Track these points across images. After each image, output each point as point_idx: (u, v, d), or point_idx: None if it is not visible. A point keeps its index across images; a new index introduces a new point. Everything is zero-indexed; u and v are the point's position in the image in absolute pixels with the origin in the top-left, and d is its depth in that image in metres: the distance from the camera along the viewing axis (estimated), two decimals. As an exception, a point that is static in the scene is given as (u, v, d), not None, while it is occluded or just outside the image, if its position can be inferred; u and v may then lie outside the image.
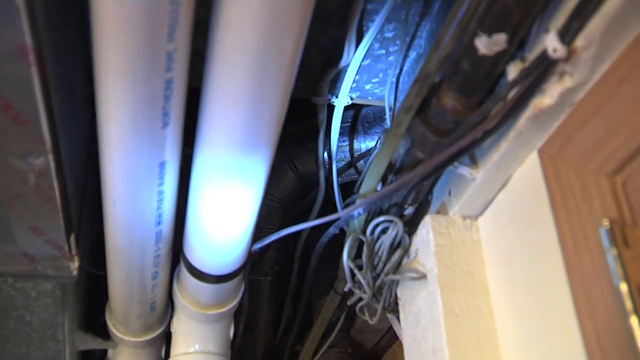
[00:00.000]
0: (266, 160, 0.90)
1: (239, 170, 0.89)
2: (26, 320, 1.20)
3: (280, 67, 0.78)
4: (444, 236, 1.01)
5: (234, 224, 0.99)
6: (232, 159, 0.87)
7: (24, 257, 1.05)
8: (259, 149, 0.87)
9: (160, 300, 1.21)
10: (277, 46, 0.75)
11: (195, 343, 1.23)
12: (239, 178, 0.90)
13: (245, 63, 0.76)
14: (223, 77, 0.79)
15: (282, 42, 0.75)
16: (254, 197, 0.96)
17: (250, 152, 0.87)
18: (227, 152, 0.86)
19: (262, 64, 0.76)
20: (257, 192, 0.95)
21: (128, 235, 1.00)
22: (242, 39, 0.74)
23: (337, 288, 1.29)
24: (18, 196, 0.91)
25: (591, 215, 0.72)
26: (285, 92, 0.82)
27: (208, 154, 0.89)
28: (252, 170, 0.90)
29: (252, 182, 0.92)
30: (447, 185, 1.03)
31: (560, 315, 0.78)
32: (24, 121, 0.80)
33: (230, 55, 0.76)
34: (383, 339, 1.55)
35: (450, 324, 0.95)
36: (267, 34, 0.73)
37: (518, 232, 0.91)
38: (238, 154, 0.87)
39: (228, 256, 1.07)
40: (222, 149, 0.86)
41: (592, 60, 0.71)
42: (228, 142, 0.85)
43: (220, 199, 0.94)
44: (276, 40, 0.74)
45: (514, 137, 0.85)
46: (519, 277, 0.90)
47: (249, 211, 0.98)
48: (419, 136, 0.93)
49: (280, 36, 0.74)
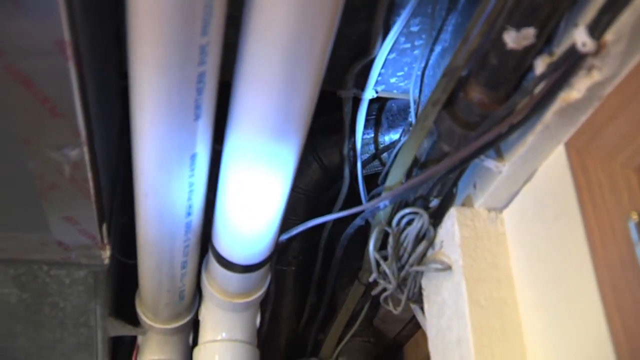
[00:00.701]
0: (295, 149, 0.92)
1: (269, 160, 0.91)
2: (60, 307, 1.23)
3: (312, 58, 0.79)
4: (469, 228, 1.02)
5: (262, 215, 1.01)
6: (262, 148, 0.89)
7: (58, 246, 1.07)
8: (288, 137, 0.88)
9: (188, 289, 1.23)
10: (309, 37, 0.76)
11: (222, 331, 1.25)
12: (268, 167, 0.92)
13: (277, 54, 0.77)
14: (255, 67, 0.80)
15: (314, 34, 0.76)
16: (283, 188, 0.97)
17: (280, 141, 0.88)
18: (258, 141, 0.88)
19: (295, 54, 0.77)
20: (285, 182, 0.97)
21: (158, 225, 1.02)
22: (275, 30, 0.75)
23: (362, 278, 1.30)
24: (53, 187, 0.94)
25: (619, 208, 0.73)
26: (316, 82, 0.83)
27: (238, 144, 0.90)
28: (282, 159, 0.91)
29: (281, 172, 0.94)
30: (473, 178, 1.03)
31: (587, 308, 0.79)
32: (60, 114, 0.82)
33: (263, 46, 0.77)
34: (405, 329, 1.56)
35: (475, 315, 0.96)
36: (299, 25, 0.74)
37: (543, 225, 0.91)
38: (268, 143, 0.88)
39: (256, 246, 1.09)
40: (253, 138, 0.88)
41: (622, 55, 0.72)
42: (259, 130, 0.86)
43: (249, 190, 0.96)
44: (308, 31, 0.75)
45: (541, 131, 0.85)
46: (544, 270, 0.91)
47: (277, 201, 1.00)
48: (445, 129, 0.94)
49: (312, 28, 0.75)
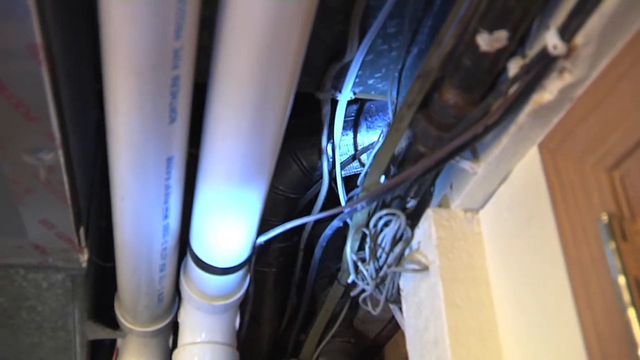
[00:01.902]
0: (272, 154, 0.92)
1: (245, 165, 0.91)
2: (38, 311, 1.22)
3: (286, 59, 0.79)
4: (445, 229, 1.03)
5: (240, 217, 1.01)
6: (239, 154, 0.89)
7: (35, 250, 1.07)
8: (265, 140, 0.89)
9: (167, 292, 1.23)
10: (282, 41, 0.76)
11: (201, 333, 1.25)
12: (245, 172, 0.92)
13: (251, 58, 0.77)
14: (229, 72, 0.81)
15: (288, 37, 0.76)
16: (260, 191, 0.98)
17: (256, 145, 0.89)
18: (234, 147, 0.88)
19: (268, 57, 0.78)
20: (263, 185, 0.97)
21: (136, 228, 1.02)
22: (248, 34, 0.75)
23: (341, 279, 1.30)
24: (29, 191, 0.93)
25: (590, 209, 0.74)
26: (290, 84, 0.83)
27: (214, 150, 0.90)
28: (258, 164, 0.91)
29: (258, 176, 0.94)
30: (449, 179, 1.04)
31: (559, 307, 0.80)
32: (34, 118, 0.82)
33: (236, 50, 0.77)
34: (385, 329, 1.57)
35: (451, 315, 0.96)
36: (272, 29, 0.74)
37: (518, 225, 0.92)
38: (244, 150, 0.88)
39: (234, 249, 1.09)
40: (229, 144, 0.88)
41: (592, 57, 0.73)
42: (235, 138, 0.87)
43: (227, 192, 0.96)
44: (282, 35, 0.75)
45: (515, 132, 0.86)
46: (519, 270, 0.92)
47: (255, 204, 1.00)
48: (421, 131, 0.94)
49: (285, 30, 0.75)
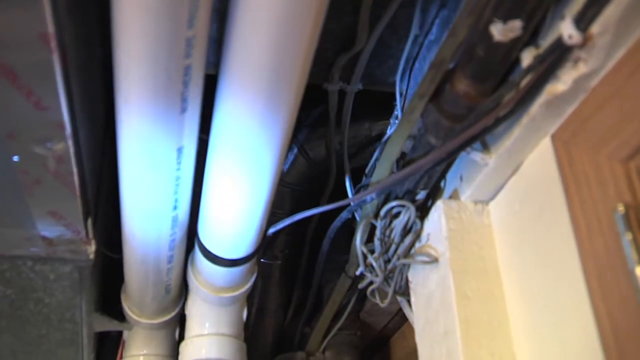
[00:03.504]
0: (282, 145, 0.91)
1: (255, 156, 0.90)
2: (45, 302, 1.22)
3: (298, 53, 0.79)
4: (455, 221, 1.02)
5: (248, 209, 1.01)
6: (248, 142, 0.88)
7: (42, 241, 1.06)
8: (274, 133, 0.88)
9: (175, 283, 1.23)
10: (295, 31, 0.76)
11: (209, 325, 1.25)
12: (254, 162, 0.92)
13: (263, 49, 0.77)
14: (240, 63, 0.80)
15: (300, 28, 0.76)
16: (269, 182, 0.97)
17: (265, 136, 0.88)
18: (244, 136, 0.88)
19: (280, 50, 0.77)
20: (271, 177, 0.96)
21: (144, 219, 1.02)
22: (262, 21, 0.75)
23: (348, 271, 1.30)
24: (38, 181, 0.93)
25: (605, 200, 0.73)
26: (302, 76, 0.83)
27: (224, 140, 0.90)
28: (268, 154, 0.91)
29: (266, 167, 0.93)
30: (459, 171, 1.04)
31: (573, 299, 0.80)
32: (44, 107, 0.81)
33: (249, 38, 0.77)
34: (392, 321, 1.57)
35: (462, 307, 0.96)
36: (285, 20, 0.74)
37: (530, 217, 0.92)
38: (254, 138, 0.88)
39: (242, 240, 1.08)
40: (239, 133, 0.87)
41: (608, 47, 0.72)
42: (245, 127, 0.86)
43: (235, 185, 0.95)
44: (294, 26, 0.75)
45: (527, 123, 0.85)
46: (531, 261, 0.91)
47: (263, 195, 0.99)
48: (432, 122, 0.94)
49: (298, 22, 0.75)
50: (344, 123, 1.33)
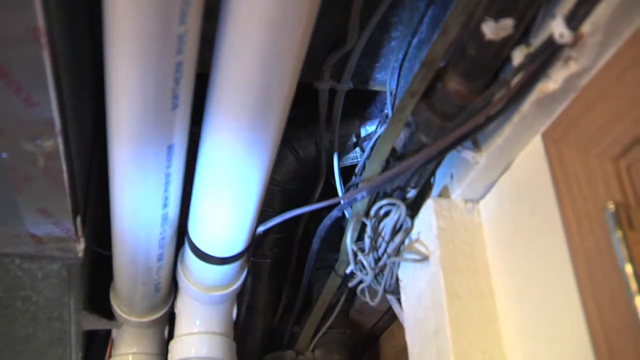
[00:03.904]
0: (273, 143, 0.91)
1: (245, 153, 0.90)
2: (33, 301, 1.21)
3: (291, 46, 0.78)
4: (446, 219, 1.03)
5: (240, 206, 1.00)
6: (239, 142, 0.88)
7: (31, 239, 1.06)
8: (266, 132, 0.88)
9: (164, 282, 1.22)
10: (287, 30, 0.76)
11: (198, 323, 1.25)
12: (245, 160, 0.91)
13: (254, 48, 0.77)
14: (232, 62, 0.80)
15: (292, 27, 0.76)
16: (260, 180, 0.97)
17: (256, 136, 0.88)
18: (235, 135, 0.87)
19: (272, 48, 0.77)
20: (263, 175, 0.96)
21: (134, 217, 1.01)
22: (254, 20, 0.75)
23: (338, 270, 1.30)
24: (27, 178, 0.92)
25: (596, 198, 0.74)
26: (293, 75, 0.83)
27: (215, 138, 0.89)
28: (260, 152, 0.91)
29: (258, 165, 0.93)
30: (450, 169, 1.04)
31: (563, 297, 0.80)
32: (34, 103, 0.81)
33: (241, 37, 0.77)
34: (381, 320, 1.57)
35: (452, 305, 0.96)
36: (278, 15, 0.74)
37: (520, 215, 0.92)
38: (245, 137, 0.87)
39: (232, 238, 1.08)
40: (231, 131, 0.87)
41: (598, 46, 0.73)
42: (236, 126, 0.86)
43: (227, 181, 0.95)
44: (288, 21, 0.75)
45: (518, 122, 0.86)
46: (521, 260, 0.92)
47: (255, 193, 0.99)
48: (423, 120, 0.94)
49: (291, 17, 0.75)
50: (334, 122, 1.33)
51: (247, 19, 0.74)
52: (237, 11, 0.74)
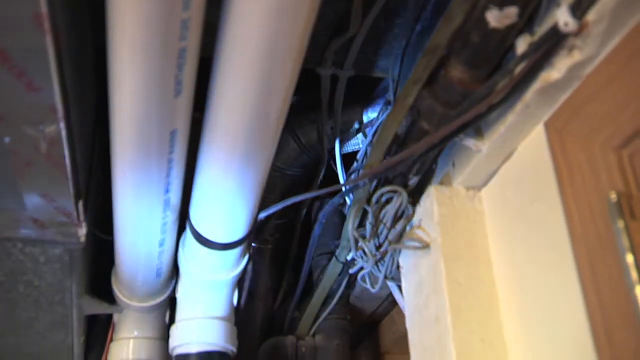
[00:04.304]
0: (276, 127, 0.91)
1: (249, 137, 0.90)
2: (35, 285, 1.22)
3: (296, 29, 0.77)
4: (447, 206, 1.03)
5: (242, 192, 1.00)
6: (243, 126, 0.88)
7: (33, 223, 1.06)
8: (269, 116, 0.88)
9: (165, 267, 1.23)
10: (290, 17, 0.75)
11: (200, 309, 1.25)
12: (249, 145, 0.91)
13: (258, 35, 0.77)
14: (235, 49, 0.80)
15: (295, 13, 0.76)
16: (263, 165, 0.97)
17: (260, 120, 0.88)
18: (238, 119, 0.87)
19: (275, 35, 0.77)
20: (265, 160, 0.96)
21: (136, 202, 1.01)
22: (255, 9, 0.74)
23: (339, 256, 1.30)
24: (29, 163, 0.92)
25: (598, 188, 0.74)
26: (296, 62, 0.82)
27: (219, 123, 0.89)
28: (262, 136, 0.91)
29: (261, 150, 0.93)
30: (451, 157, 1.04)
31: (564, 286, 0.80)
32: (37, 88, 0.80)
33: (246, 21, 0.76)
34: (381, 306, 1.57)
35: (453, 292, 0.97)
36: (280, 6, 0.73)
37: (521, 204, 0.92)
38: (249, 122, 0.87)
39: (234, 224, 1.08)
40: (234, 115, 0.87)
41: (603, 35, 0.72)
42: (240, 110, 0.85)
43: (230, 166, 0.95)
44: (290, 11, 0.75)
45: (521, 110, 0.86)
46: (522, 248, 0.92)
47: (257, 179, 0.99)
48: (426, 108, 0.94)
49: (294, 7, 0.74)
50: (336, 108, 1.33)
51: (250, 5, 0.74)
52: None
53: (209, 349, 1.23)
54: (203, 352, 1.23)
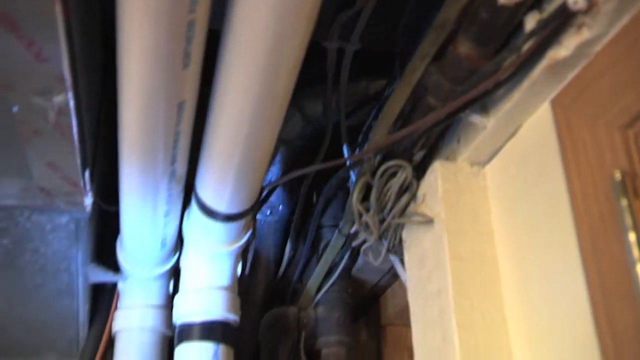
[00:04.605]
0: (284, 98, 0.91)
1: (257, 109, 0.90)
2: (41, 253, 1.23)
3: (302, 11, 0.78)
4: (451, 182, 1.03)
5: (249, 163, 1.01)
6: (251, 98, 0.88)
7: (40, 192, 1.07)
8: (278, 87, 0.88)
9: (170, 237, 1.24)
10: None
11: (204, 279, 1.26)
12: (256, 117, 0.91)
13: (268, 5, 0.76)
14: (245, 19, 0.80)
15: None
16: (270, 137, 0.97)
17: (269, 91, 0.88)
18: (247, 91, 0.87)
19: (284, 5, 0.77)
20: (272, 132, 0.97)
21: (142, 173, 1.02)
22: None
23: (342, 229, 1.31)
24: (37, 133, 0.93)
25: (602, 166, 0.74)
26: (306, 30, 0.82)
27: (227, 94, 0.90)
28: (270, 108, 0.91)
29: (268, 122, 0.94)
30: (457, 132, 1.04)
31: (565, 263, 0.81)
32: (45, 58, 0.81)
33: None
34: (383, 279, 1.58)
35: (455, 267, 0.98)
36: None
37: (525, 180, 0.93)
38: (257, 94, 0.87)
39: (240, 195, 1.09)
40: (242, 87, 0.87)
41: (612, 14, 0.72)
42: (248, 82, 0.86)
43: (237, 137, 0.95)
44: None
45: (528, 87, 0.86)
46: (525, 225, 0.93)
47: (264, 151, 1.00)
48: (433, 83, 0.94)
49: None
50: (341, 81, 1.33)
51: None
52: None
53: (213, 318, 1.25)
54: (206, 322, 1.24)
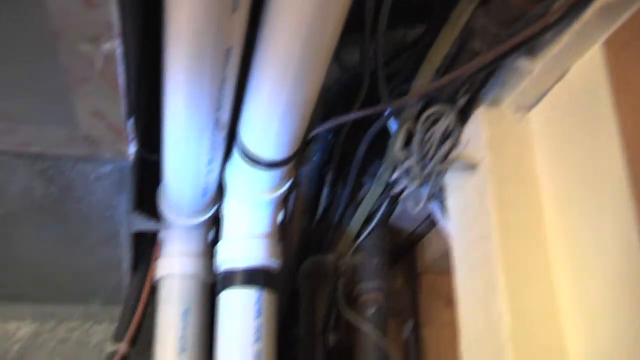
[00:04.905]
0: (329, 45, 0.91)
1: (303, 54, 0.89)
2: (85, 201, 1.25)
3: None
4: (495, 127, 1.03)
5: (293, 109, 1.01)
6: (297, 45, 0.88)
7: (84, 141, 1.08)
8: (324, 31, 0.87)
9: (212, 186, 1.25)
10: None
11: (245, 227, 1.27)
12: (301, 62, 0.91)
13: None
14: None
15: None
16: (314, 85, 0.97)
17: (315, 35, 0.87)
18: (292, 38, 0.87)
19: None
20: (317, 80, 0.97)
21: (187, 120, 1.02)
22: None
23: (382, 177, 1.31)
24: (83, 80, 0.94)
25: (658, 108, 0.73)
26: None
27: (272, 41, 0.89)
28: (315, 55, 0.91)
29: (313, 69, 0.93)
30: (502, 77, 1.03)
31: (614, 208, 0.81)
32: (94, 4, 0.81)
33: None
34: (419, 227, 1.59)
35: (499, 213, 0.98)
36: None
37: (573, 125, 0.92)
38: (302, 41, 0.87)
39: (284, 141, 1.08)
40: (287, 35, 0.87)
41: (671, -50, 0.71)
42: (294, 29, 0.85)
43: (282, 82, 0.95)
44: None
45: (578, 30, 0.85)
46: (572, 169, 0.92)
47: (308, 98, 1.00)
48: (479, 27, 0.93)
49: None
50: (379, 29, 1.31)
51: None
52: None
53: (255, 265, 1.26)
54: (249, 268, 1.26)
